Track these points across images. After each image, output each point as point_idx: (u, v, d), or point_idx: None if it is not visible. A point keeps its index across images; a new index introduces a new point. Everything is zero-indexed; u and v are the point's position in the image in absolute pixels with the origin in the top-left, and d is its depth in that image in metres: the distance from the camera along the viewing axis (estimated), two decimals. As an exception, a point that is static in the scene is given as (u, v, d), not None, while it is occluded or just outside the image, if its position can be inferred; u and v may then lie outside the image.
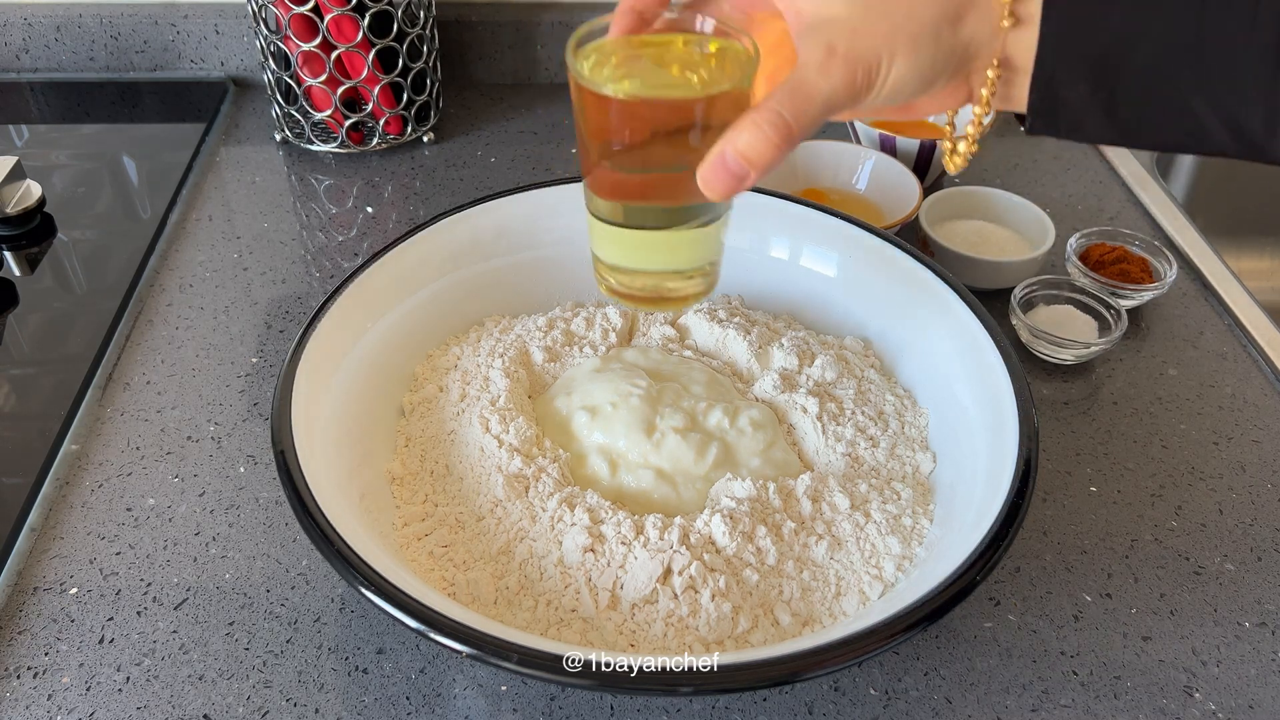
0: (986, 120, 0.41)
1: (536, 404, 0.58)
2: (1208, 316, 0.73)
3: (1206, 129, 0.38)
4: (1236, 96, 0.36)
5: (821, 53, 0.37)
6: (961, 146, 0.42)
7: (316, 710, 0.48)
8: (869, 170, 0.81)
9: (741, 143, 0.36)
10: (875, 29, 0.37)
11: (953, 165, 0.43)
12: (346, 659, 0.50)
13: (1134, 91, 0.38)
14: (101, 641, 0.50)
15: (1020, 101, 0.40)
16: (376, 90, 0.85)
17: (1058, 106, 0.39)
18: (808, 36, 0.38)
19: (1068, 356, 0.67)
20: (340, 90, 0.85)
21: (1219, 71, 0.36)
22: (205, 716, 0.47)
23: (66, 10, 0.95)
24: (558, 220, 0.64)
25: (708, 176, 0.37)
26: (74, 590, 0.53)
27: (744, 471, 0.53)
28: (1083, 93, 0.38)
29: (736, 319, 0.62)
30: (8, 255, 0.76)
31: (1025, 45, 0.39)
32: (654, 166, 0.41)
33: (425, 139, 0.91)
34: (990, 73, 0.39)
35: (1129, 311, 0.71)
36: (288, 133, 0.89)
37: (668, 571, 0.46)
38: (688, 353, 0.61)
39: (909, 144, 0.81)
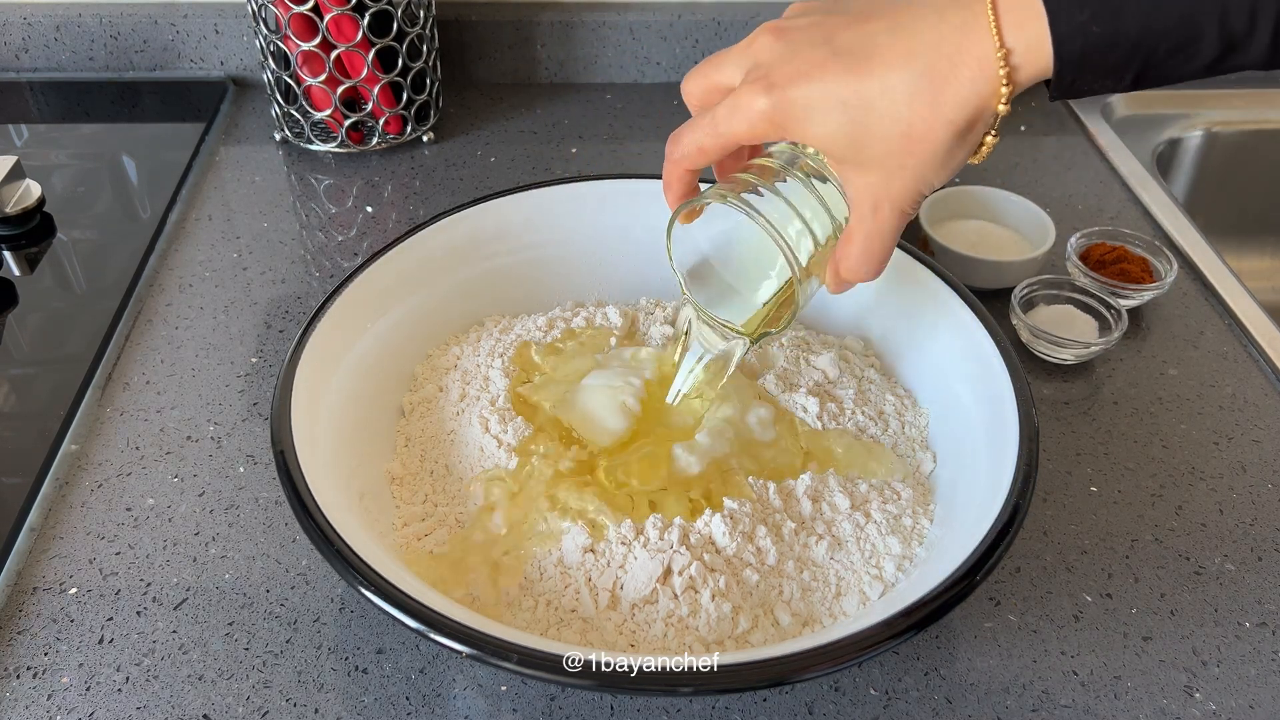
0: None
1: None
2: (1208, 316, 0.73)
3: (1234, 66, 0.38)
4: (1270, 48, 0.37)
5: (869, 208, 0.43)
6: (983, 150, 0.43)
7: (316, 710, 0.48)
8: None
9: (848, 288, 0.46)
10: (906, 171, 0.41)
11: (975, 160, 0.44)
12: (346, 659, 0.50)
13: (1160, 71, 0.38)
14: (101, 641, 0.50)
15: (1038, 83, 0.41)
16: (376, 90, 0.85)
17: (1082, 93, 0.40)
18: (850, 184, 0.43)
19: (1068, 356, 0.67)
20: (340, 90, 0.85)
21: (1244, 38, 0.36)
22: (205, 716, 0.47)
23: (66, 10, 0.95)
24: (558, 220, 0.64)
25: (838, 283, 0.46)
26: (74, 590, 0.53)
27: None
28: (1107, 85, 0.39)
29: (736, 319, 0.62)
30: (7, 255, 0.76)
31: (1041, 70, 0.39)
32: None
33: (425, 139, 0.91)
34: (989, 137, 0.41)
35: (1129, 311, 0.71)
36: (287, 132, 0.89)
37: (668, 571, 0.46)
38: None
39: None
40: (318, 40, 0.82)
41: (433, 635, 0.39)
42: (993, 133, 0.41)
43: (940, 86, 0.39)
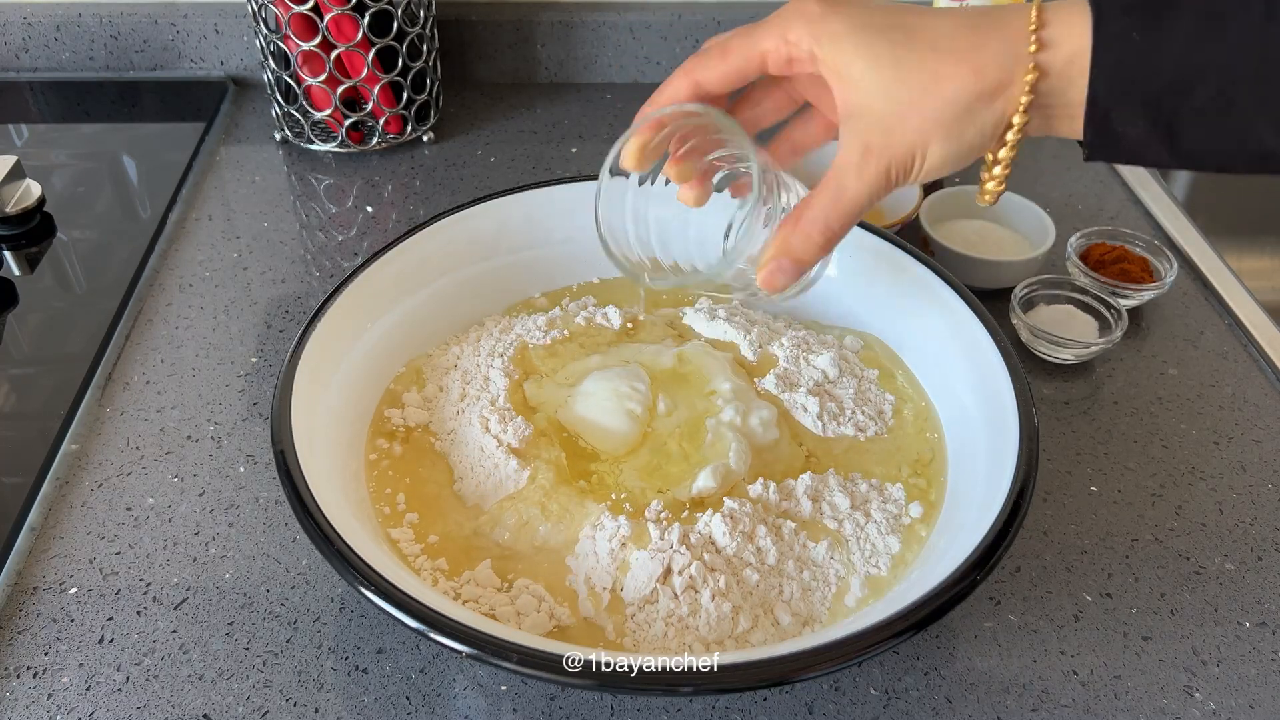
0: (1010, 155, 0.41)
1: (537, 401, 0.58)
2: (1208, 316, 0.73)
3: (1274, 152, 0.37)
4: None
5: (858, 152, 0.40)
6: (990, 185, 0.42)
7: (316, 710, 0.48)
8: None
9: (796, 251, 0.42)
10: (908, 123, 0.39)
11: (984, 200, 0.43)
12: (346, 659, 0.50)
13: (1195, 124, 0.37)
14: (101, 641, 0.50)
15: (1074, 132, 0.40)
16: (376, 90, 0.85)
17: (1116, 140, 0.39)
18: (846, 128, 0.41)
19: (1068, 356, 0.67)
20: (340, 90, 0.85)
21: None
22: (205, 716, 0.47)
23: (66, 10, 0.95)
24: (558, 220, 0.64)
25: (768, 281, 0.43)
26: (74, 590, 0.53)
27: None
28: (1141, 128, 0.38)
29: (736, 318, 0.62)
30: (8, 255, 0.76)
31: (1076, 92, 0.38)
32: None
33: (425, 138, 0.91)
34: (1011, 135, 0.40)
35: (1129, 311, 0.71)
36: (287, 132, 0.89)
37: (668, 571, 0.46)
38: (697, 342, 0.60)
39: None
40: (318, 40, 0.82)
41: (433, 635, 0.39)
42: (1014, 129, 0.40)
43: (977, 47, 0.39)
